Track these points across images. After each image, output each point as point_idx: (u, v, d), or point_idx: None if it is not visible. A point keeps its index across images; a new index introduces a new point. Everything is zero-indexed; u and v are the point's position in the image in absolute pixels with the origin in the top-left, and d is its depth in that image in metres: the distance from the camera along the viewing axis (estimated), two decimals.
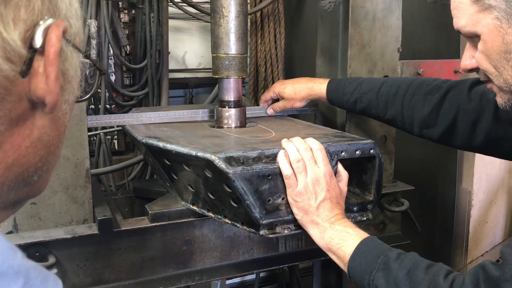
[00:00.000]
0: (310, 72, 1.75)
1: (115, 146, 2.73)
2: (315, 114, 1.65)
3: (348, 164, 1.19)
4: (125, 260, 1.26)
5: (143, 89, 2.43)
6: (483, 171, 1.95)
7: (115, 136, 2.70)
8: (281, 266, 1.46)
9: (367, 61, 1.47)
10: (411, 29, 1.19)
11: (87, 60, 0.52)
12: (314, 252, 1.38)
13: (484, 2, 0.83)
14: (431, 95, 1.24)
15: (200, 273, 1.34)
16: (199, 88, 3.33)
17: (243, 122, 1.45)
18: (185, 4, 2.29)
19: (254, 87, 2.48)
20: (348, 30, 1.43)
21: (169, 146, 1.14)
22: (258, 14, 2.41)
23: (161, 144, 1.15)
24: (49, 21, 0.45)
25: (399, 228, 1.61)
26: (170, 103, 2.53)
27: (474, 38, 0.88)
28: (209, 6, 1.57)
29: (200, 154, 1.07)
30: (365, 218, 1.20)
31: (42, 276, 0.44)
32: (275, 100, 1.56)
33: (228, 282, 2.28)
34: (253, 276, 2.26)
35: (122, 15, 2.45)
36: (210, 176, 1.08)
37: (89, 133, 1.48)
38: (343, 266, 1.02)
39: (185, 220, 1.27)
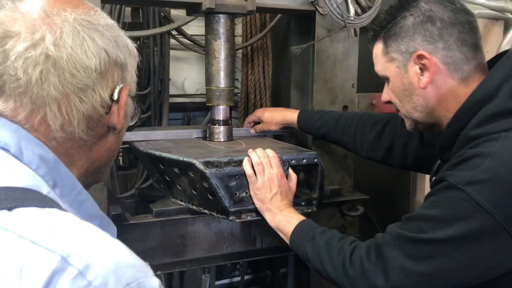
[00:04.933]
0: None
1: (121, 162, 3.06)
2: (290, 136, 2.00)
3: (301, 170, 1.55)
4: (131, 248, 1.57)
5: (147, 112, 2.78)
6: None
7: (121, 153, 3.04)
8: (258, 258, 1.78)
9: (330, 94, 1.82)
10: (367, 68, 1.51)
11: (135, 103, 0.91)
12: (285, 248, 1.70)
13: (390, 55, 1.19)
14: (377, 124, 1.59)
15: (191, 262, 1.65)
16: (196, 111, 3.65)
17: (230, 137, 1.79)
18: (182, 37, 2.68)
19: (245, 112, 2.81)
20: (314, 69, 1.79)
21: (163, 154, 1.50)
22: (249, 48, 2.77)
23: (157, 153, 1.51)
24: (121, 85, 0.83)
25: (358, 231, 1.93)
26: (170, 125, 2.88)
27: (386, 79, 1.24)
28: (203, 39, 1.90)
29: (186, 159, 1.43)
30: (310, 210, 1.56)
31: (107, 220, 0.79)
32: (257, 123, 1.91)
33: (217, 283, 2.58)
34: (238, 278, 2.57)
35: None
36: (193, 176, 1.43)
37: None
38: (287, 240, 1.37)
39: (180, 217, 1.60)
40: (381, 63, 1.23)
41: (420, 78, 1.15)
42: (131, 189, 2.77)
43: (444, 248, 1.02)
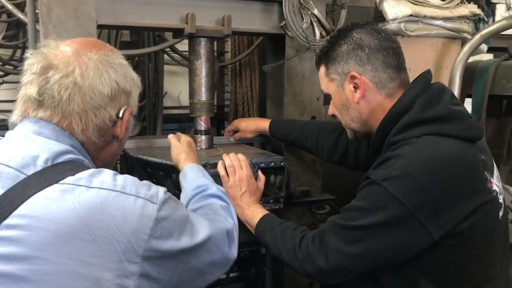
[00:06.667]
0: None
1: (118, 169, 3.30)
2: (267, 143, 2.24)
3: (271, 173, 1.79)
4: None
5: (142, 123, 3.04)
6: None
7: (118, 162, 3.28)
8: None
9: (299, 106, 2.07)
10: None
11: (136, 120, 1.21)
12: (258, 242, 1.93)
13: (330, 76, 1.44)
14: (334, 132, 1.83)
15: None
16: (191, 122, 3.89)
17: (211, 145, 2.03)
18: (176, 54, 2.94)
19: None
20: (285, 84, 2.04)
21: (149, 158, 1.74)
22: (237, 63, 3.02)
23: (144, 157, 1.75)
24: (125, 107, 1.13)
25: None
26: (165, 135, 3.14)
27: (330, 96, 1.48)
28: None
29: (168, 162, 1.66)
30: (277, 207, 1.80)
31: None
32: (236, 132, 2.15)
33: None
34: (224, 275, 2.80)
35: None
36: (174, 177, 1.66)
37: None
38: (253, 231, 1.59)
39: None
40: (324, 82, 1.48)
41: (354, 94, 1.40)
42: None
43: (369, 233, 1.26)
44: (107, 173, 1.02)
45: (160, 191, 1.05)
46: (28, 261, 0.89)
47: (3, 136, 1.12)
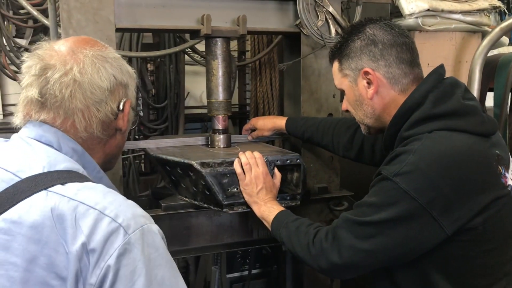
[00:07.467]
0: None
1: (142, 168, 3.39)
2: (285, 140, 2.26)
3: (288, 170, 1.81)
4: None
5: (164, 123, 3.11)
6: None
7: (142, 161, 3.37)
8: (253, 247, 2.03)
9: (316, 104, 2.08)
10: None
11: (135, 111, 1.24)
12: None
13: (344, 72, 1.45)
14: (350, 128, 1.84)
15: (195, 250, 1.93)
16: None
17: (229, 144, 2.06)
18: (196, 55, 2.99)
19: None
20: (302, 82, 2.05)
21: (168, 157, 1.78)
22: (257, 62, 3.04)
23: (163, 156, 1.79)
24: (124, 99, 1.16)
25: None
26: (188, 134, 3.19)
27: (343, 92, 1.49)
28: None
29: (186, 161, 1.70)
30: (294, 204, 1.81)
31: (117, 190, 1.08)
32: (254, 130, 2.17)
33: (228, 275, 2.85)
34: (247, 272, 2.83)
35: (149, 66, 3.15)
36: (192, 175, 1.70)
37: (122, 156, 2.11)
38: (269, 228, 1.61)
39: (185, 211, 1.88)
40: (338, 78, 1.49)
41: (367, 90, 1.40)
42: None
43: (381, 229, 1.26)
44: (98, 190, 1.00)
45: (147, 228, 0.98)
46: (4, 267, 0.90)
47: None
